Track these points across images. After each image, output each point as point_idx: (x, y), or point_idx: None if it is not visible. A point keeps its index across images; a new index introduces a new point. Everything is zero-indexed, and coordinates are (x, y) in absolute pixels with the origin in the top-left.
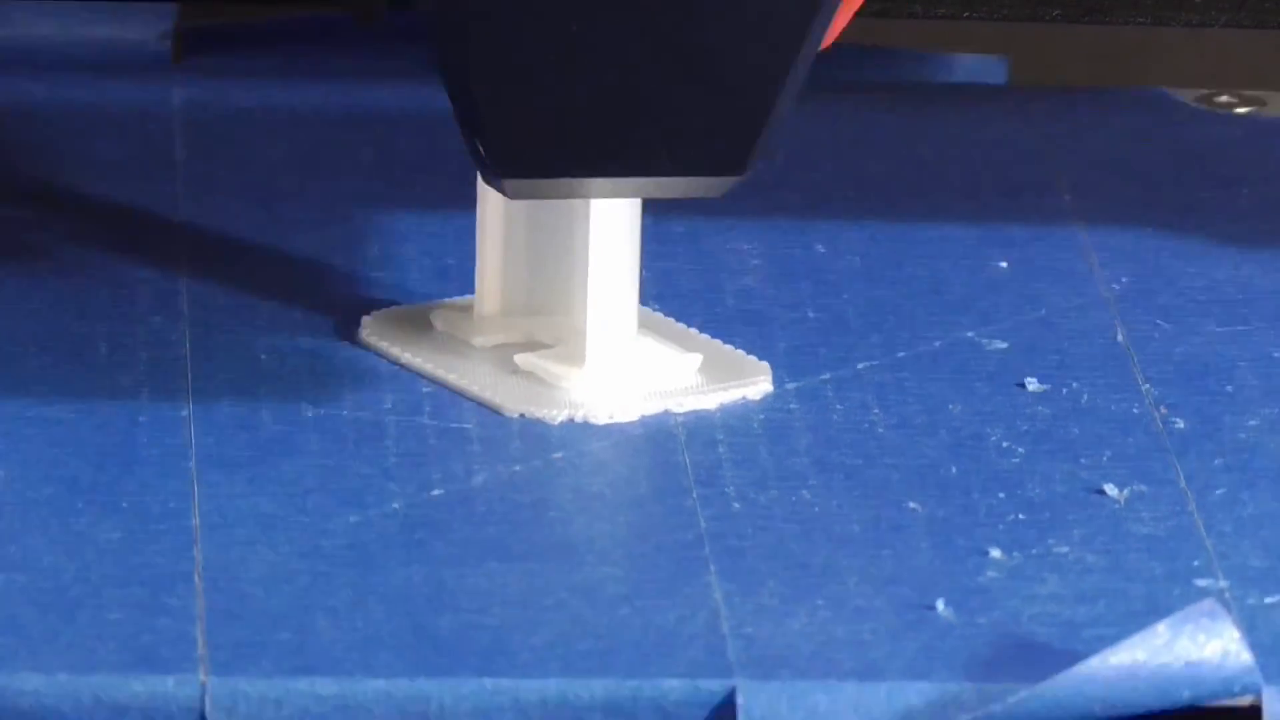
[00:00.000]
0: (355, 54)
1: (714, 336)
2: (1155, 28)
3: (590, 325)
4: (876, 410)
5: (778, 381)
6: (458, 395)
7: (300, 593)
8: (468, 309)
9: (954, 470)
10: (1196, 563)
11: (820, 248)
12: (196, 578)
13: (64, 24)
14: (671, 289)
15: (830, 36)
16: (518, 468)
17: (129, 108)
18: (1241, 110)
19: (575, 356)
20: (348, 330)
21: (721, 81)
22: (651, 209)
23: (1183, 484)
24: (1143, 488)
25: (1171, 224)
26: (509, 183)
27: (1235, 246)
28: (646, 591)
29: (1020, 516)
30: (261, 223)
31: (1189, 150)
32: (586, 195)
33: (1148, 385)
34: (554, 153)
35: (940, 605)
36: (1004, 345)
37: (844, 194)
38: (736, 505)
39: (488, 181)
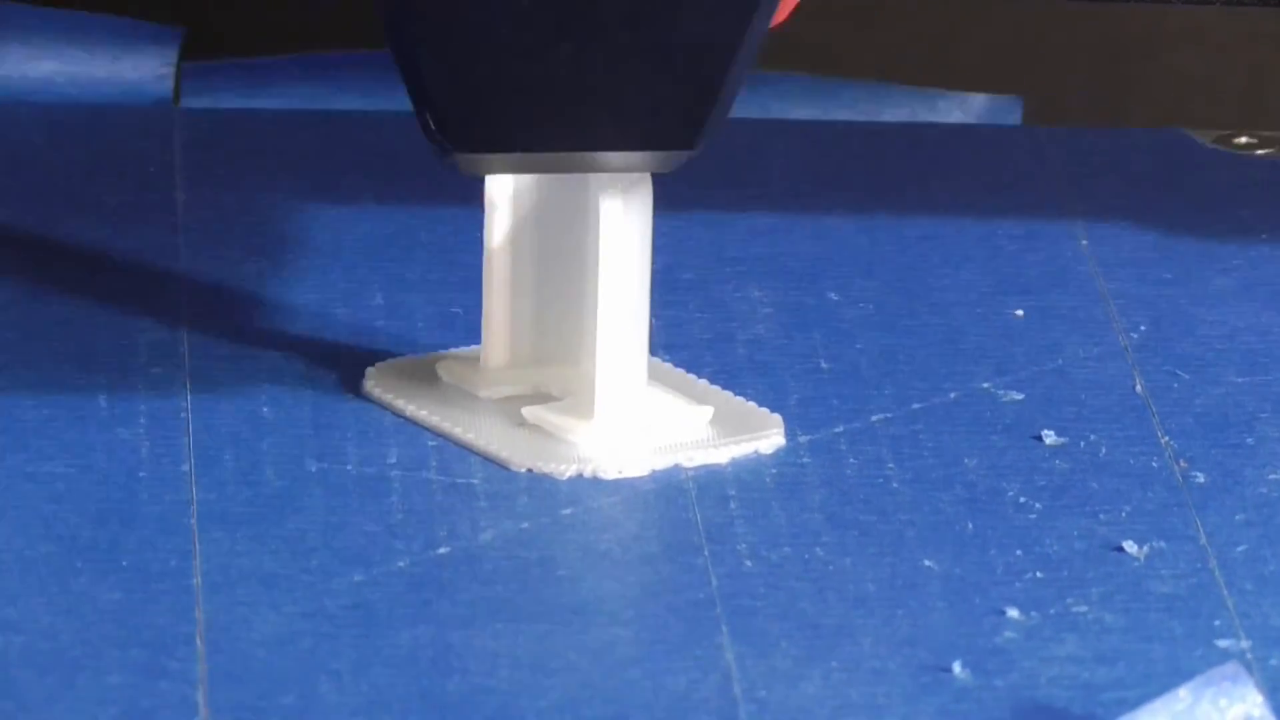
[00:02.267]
0: (358, 95)
1: (725, 387)
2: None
3: (599, 377)
4: (891, 464)
5: (790, 434)
6: (464, 449)
7: (304, 654)
8: (474, 360)
9: (970, 526)
10: (1218, 622)
11: (833, 295)
12: (198, 639)
13: (64, 64)
14: (681, 338)
15: (781, 14)
16: (525, 524)
17: (129, 149)
18: (1261, 152)
19: (584, 409)
20: (352, 382)
21: (670, 56)
22: (661, 255)
23: (1203, 540)
24: (1162, 544)
25: (1190, 270)
26: (460, 157)
27: (1255, 292)
28: (657, 653)
29: (1038, 574)
30: (263, 270)
31: (1207, 193)
32: (536, 170)
33: (1167, 438)
34: (505, 127)
35: (957, 667)
36: (1020, 396)
37: (856, 239)
38: (748, 563)
39: (439, 158)
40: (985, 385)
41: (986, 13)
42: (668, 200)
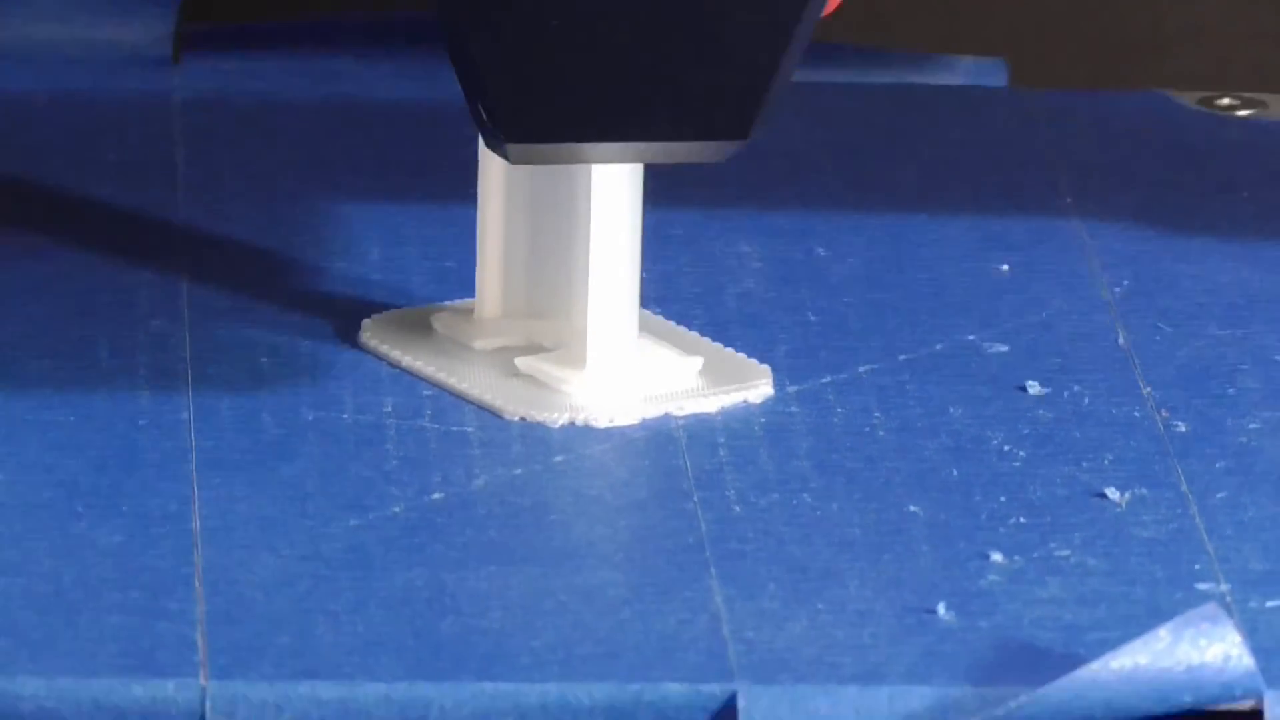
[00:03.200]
0: (355, 55)
1: (715, 340)
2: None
3: (591, 328)
4: (877, 413)
5: (778, 385)
6: (458, 398)
7: (301, 596)
8: (468, 312)
9: (955, 474)
10: (1198, 566)
11: (821, 251)
12: (197, 581)
13: (64, 25)
14: (672, 292)
15: (832, 3)
16: (518, 471)
17: (129, 109)
18: (1243, 113)
19: (576, 359)
20: (348, 333)
21: (724, 45)
22: (652, 211)
23: (1184, 487)
24: (1144, 491)
25: (1173, 227)
26: (512, 147)
27: (1236, 249)
28: (647, 595)
29: (1021, 520)
30: (262, 225)
31: (1190, 153)
32: (589, 160)
33: (1149, 389)
34: (557, 117)
35: (941, 609)
36: (1005, 348)
37: (845, 197)
38: (737, 509)
39: (490, 146)
40: (970, 338)
41: None
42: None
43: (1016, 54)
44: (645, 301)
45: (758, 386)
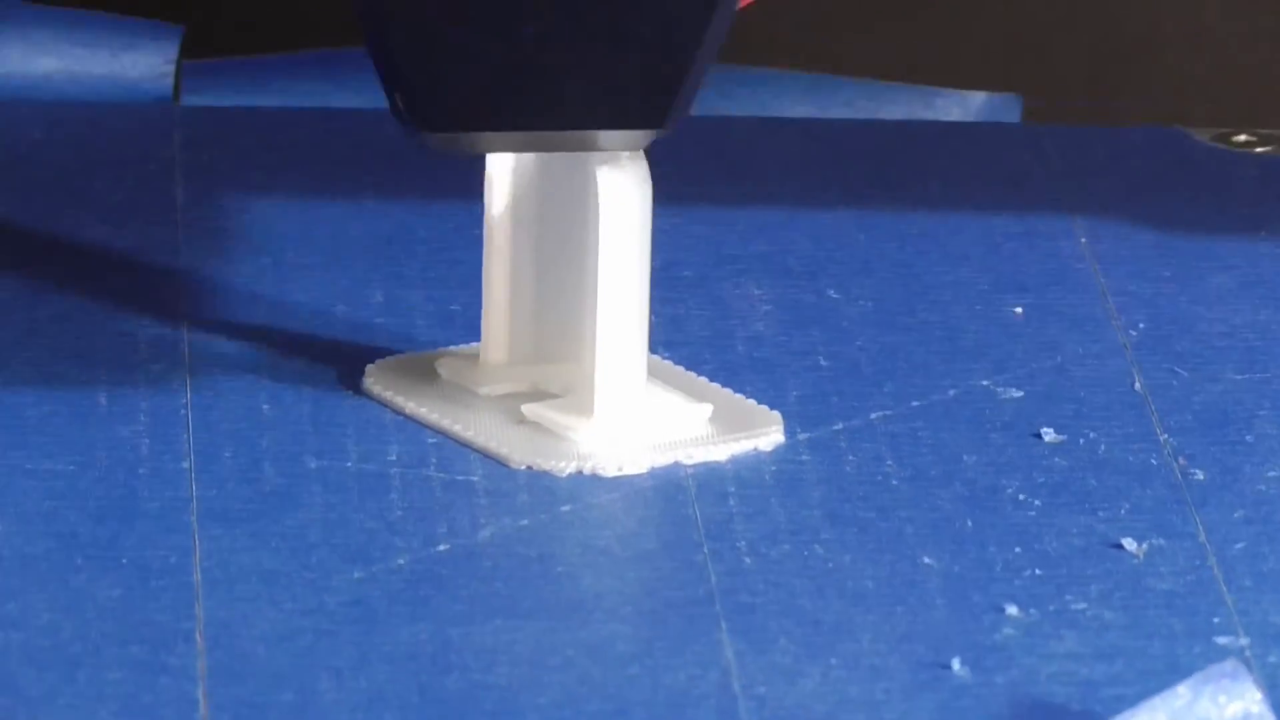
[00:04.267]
0: (357, 92)
1: (725, 385)
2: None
3: (599, 374)
4: (890, 461)
5: (789, 431)
6: (464, 446)
7: (303, 651)
8: (473, 357)
9: (969, 524)
10: (1217, 619)
11: (832, 293)
12: (198, 636)
13: (64, 61)
14: (681, 336)
15: None
16: (525, 521)
17: (129, 147)
18: (1259, 150)
19: (583, 407)
20: (351, 379)
21: (640, 32)
22: (661, 253)
23: (1202, 537)
24: (1161, 541)
25: (1189, 267)
26: (429, 136)
27: (1255, 291)
28: (656, 650)
29: (1037, 572)
30: (263, 268)
31: (1206, 190)
32: (507, 149)
33: (1166, 435)
34: (473, 106)
35: (956, 664)
36: (1019, 394)
37: (856, 237)
38: (748, 560)
39: (408, 137)
40: (984, 383)
41: (986, 11)
42: (667, 197)
43: (1031, 90)
44: (654, 346)
45: (768, 434)
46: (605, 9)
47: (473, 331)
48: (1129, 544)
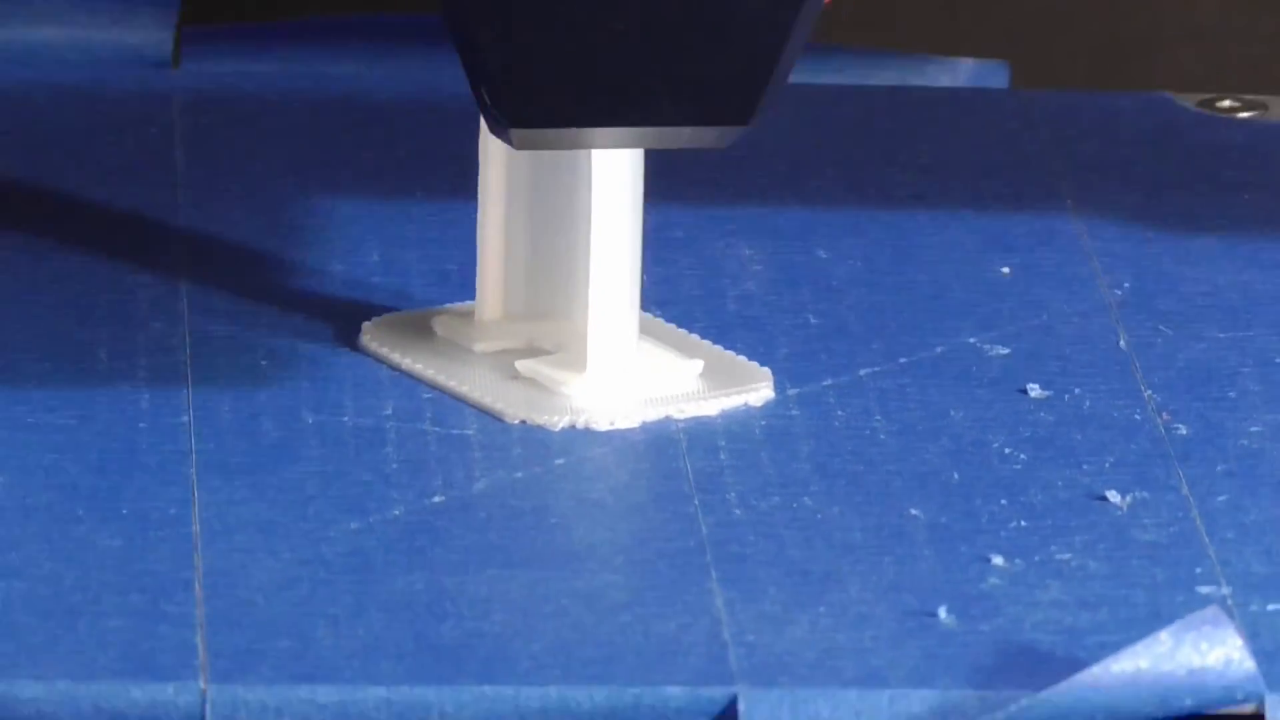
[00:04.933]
0: (355, 57)
1: (715, 342)
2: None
3: (591, 331)
4: (878, 416)
5: (779, 387)
6: (459, 401)
7: (301, 600)
8: (468, 315)
9: (956, 477)
10: (1199, 569)
11: (822, 253)
12: (197, 585)
13: (64, 27)
14: (673, 294)
15: None
16: (519, 474)
17: (129, 111)
18: (1243, 115)
19: (576, 362)
20: (348, 336)
21: (727, 30)
22: (653, 213)
23: (1185, 490)
24: (1145, 494)
25: (1174, 229)
26: (515, 133)
27: (1238, 251)
28: (648, 599)
29: (1022, 523)
30: (262, 228)
31: (1191, 155)
32: (592, 146)
33: (1150, 391)
34: (560, 102)
35: (942, 612)
36: (1006, 351)
37: (845, 199)
38: (738, 512)
39: (494, 132)
40: (971, 340)
41: None
42: (659, 161)
43: (1018, 56)
44: (646, 304)
45: (758, 389)
46: (696, 6)
47: (468, 291)
48: (1113, 496)
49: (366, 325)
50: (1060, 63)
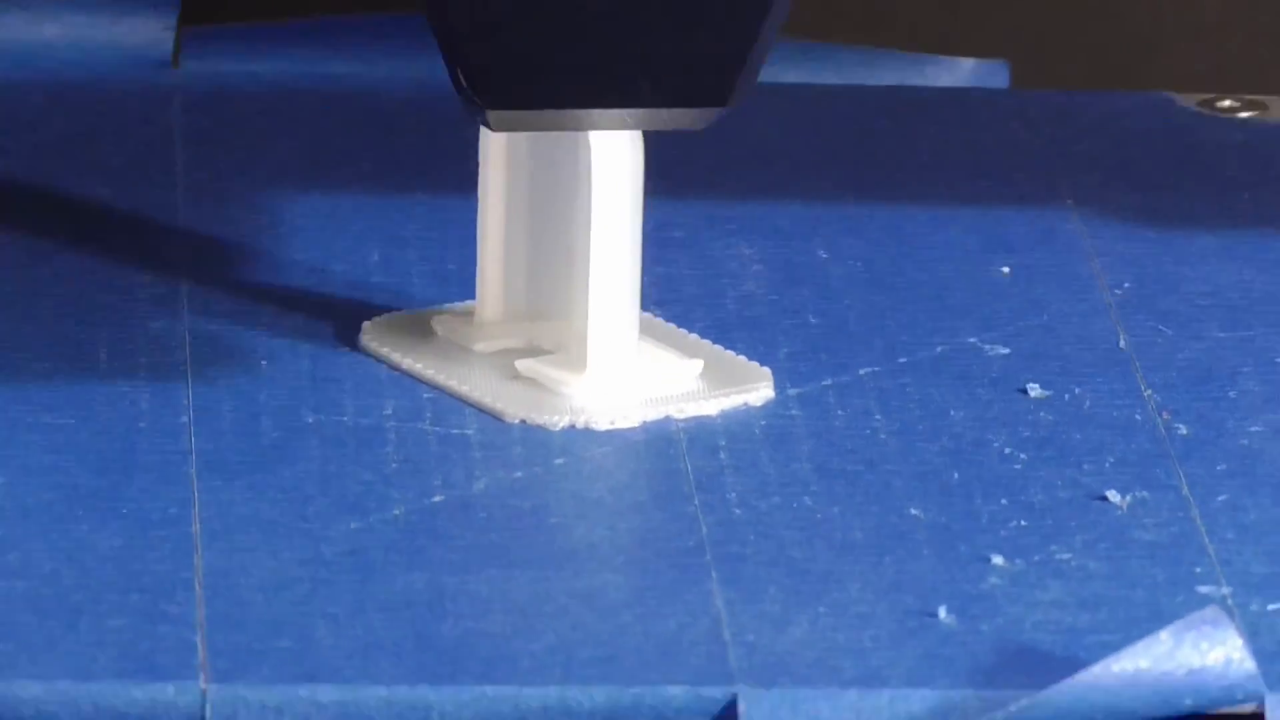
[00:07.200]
0: (355, 57)
1: (715, 342)
2: (1158, 31)
3: (591, 331)
4: (878, 416)
5: (779, 387)
6: (459, 401)
7: (301, 600)
8: (468, 315)
9: (956, 476)
10: (1199, 569)
11: (822, 253)
12: (197, 585)
13: (64, 27)
14: (673, 294)
15: None
16: (519, 474)
17: (129, 111)
18: (1243, 115)
19: (576, 362)
20: (348, 336)
21: (704, 10)
22: (653, 213)
23: (1185, 490)
24: (1145, 494)
25: (1174, 229)
26: (492, 114)
27: (1238, 251)
28: (648, 598)
29: (1022, 523)
30: (262, 228)
31: (1191, 155)
32: (570, 128)
33: (1150, 391)
34: (536, 84)
35: (942, 612)
36: (1006, 351)
37: (845, 198)
38: (738, 512)
39: (471, 115)
40: (971, 340)
41: None
42: (659, 161)
43: (1018, 56)
44: (646, 304)
45: (758, 389)
46: None
47: (468, 291)
48: (1113, 496)
49: (366, 325)
50: (1060, 63)
